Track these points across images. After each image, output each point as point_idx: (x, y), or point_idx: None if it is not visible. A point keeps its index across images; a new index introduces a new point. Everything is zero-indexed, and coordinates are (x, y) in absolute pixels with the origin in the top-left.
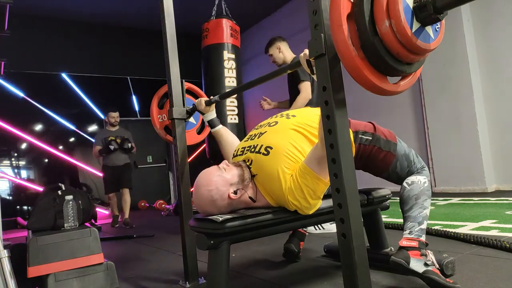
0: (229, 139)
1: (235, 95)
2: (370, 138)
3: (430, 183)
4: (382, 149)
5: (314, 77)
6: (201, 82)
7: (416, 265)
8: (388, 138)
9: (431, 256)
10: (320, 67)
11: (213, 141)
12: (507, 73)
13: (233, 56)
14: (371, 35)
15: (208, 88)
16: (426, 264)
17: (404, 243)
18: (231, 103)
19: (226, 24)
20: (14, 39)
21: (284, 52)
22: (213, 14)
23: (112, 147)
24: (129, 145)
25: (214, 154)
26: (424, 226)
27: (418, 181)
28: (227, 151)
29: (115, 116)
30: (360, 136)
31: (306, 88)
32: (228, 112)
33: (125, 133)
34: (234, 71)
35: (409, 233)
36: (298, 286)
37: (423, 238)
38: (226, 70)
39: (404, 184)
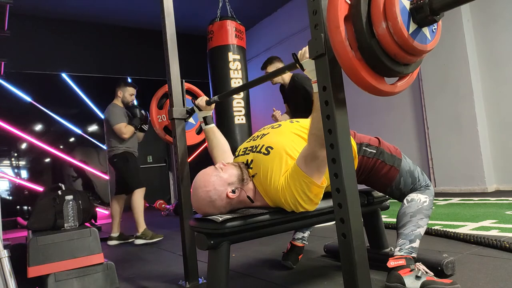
0: (221, 139)
1: (241, 96)
2: (374, 151)
3: (432, 202)
4: (386, 163)
5: (306, 72)
6: (207, 82)
7: (412, 282)
8: (392, 153)
9: (419, 267)
10: (320, 67)
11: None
12: (507, 73)
13: (238, 57)
14: (368, 37)
15: (215, 90)
16: (418, 277)
17: (391, 263)
18: (237, 103)
19: (231, 25)
20: (14, 39)
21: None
22: (217, 16)
23: (148, 119)
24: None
25: None
26: (415, 244)
27: (418, 199)
28: (218, 149)
29: (134, 93)
30: (364, 148)
31: None
32: (235, 113)
33: None
34: (240, 72)
35: (399, 250)
36: (298, 286)
37: (413, 255)
38: (231, 71)
39: (404, 201)
